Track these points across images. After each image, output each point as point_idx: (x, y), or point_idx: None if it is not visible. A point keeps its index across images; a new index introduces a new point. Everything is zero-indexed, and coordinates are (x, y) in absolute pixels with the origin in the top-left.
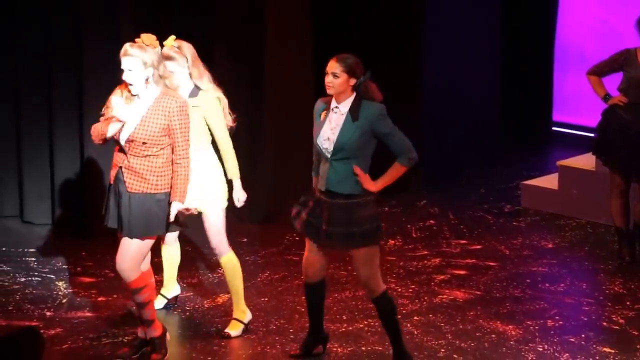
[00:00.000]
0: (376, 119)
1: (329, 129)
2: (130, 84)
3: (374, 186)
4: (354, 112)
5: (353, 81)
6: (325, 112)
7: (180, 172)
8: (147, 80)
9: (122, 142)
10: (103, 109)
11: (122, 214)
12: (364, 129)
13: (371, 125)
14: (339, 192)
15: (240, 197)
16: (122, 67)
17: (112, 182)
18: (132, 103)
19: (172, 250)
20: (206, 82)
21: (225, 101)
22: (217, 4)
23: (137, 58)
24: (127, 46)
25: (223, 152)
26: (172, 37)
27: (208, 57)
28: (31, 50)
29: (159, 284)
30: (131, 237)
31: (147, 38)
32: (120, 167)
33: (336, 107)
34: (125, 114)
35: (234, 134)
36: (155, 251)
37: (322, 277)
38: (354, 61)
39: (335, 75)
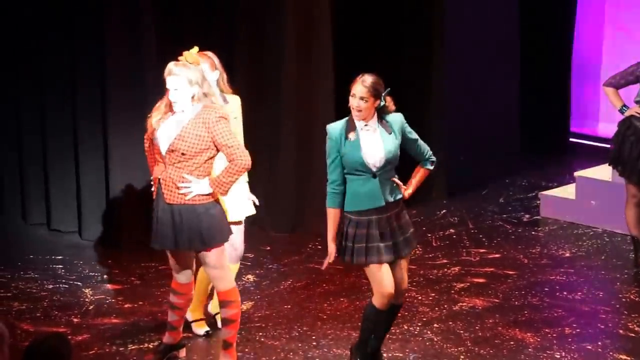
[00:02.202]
0: (405, 126)
1: (371, 146)
2: (176, 102)
3: (408, 192)
4: (385, 126)
5: (378, 102)
6: (351, 132)
7: (230, 168)
8: (193, 97)
9: (163, 152)
10: (149, 116)
11: (166, 229)
12: (398, 138)
13: (402, 132)
14: (393, 200)
15: (253, 198)
16: (168, 86)
17: (154, 197)
18: (171, 115)
19: None
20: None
21: None
22: (239, 15)
23: (182, 77)
24: (171, 65)
25: None
26: (195, 48)
27: (229, 68)
28: (56, 64)
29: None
30: (189, 248)
31: (190, 56)
32: (159, 180)
33: (365, 125)
34: None
35: (257, 144)
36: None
37: None
38: (378, 81)
39: (363, 99)
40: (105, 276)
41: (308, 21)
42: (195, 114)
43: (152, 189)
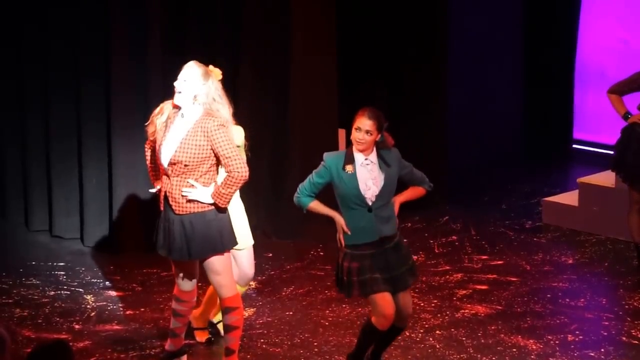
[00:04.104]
0: (400, 161)
1: (369, 180)
2: (179, 92)
3: (398, 200)
4: (383, 160)
5: (379, 136)
6: (349, 165)
7: (228, 180)
8: (195, 97)
9: (165, 165)
10: (148, 124)
11: (177, 241)
12: (396, 173)
13: (398, 167)
14: (389, 234)
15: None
16: (179, 76)
17: (162, 209)
18: (172, 125)
19: None
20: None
21: None
22: (244, 23)
23: (197, 73)
24: (193, 62)
25: None
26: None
27: (234, 76)
28: (60, 70)
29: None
30: (200, 258)
31: (215, 69)
32: (166, 192)
33: (366, 159)
34: None
35: (261, 151)
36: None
37: None
38: (381, 115)
39: (369, 132)
40: (107, 283)
41: (313, 31)
42: (194, 122)
43: (160, 201)
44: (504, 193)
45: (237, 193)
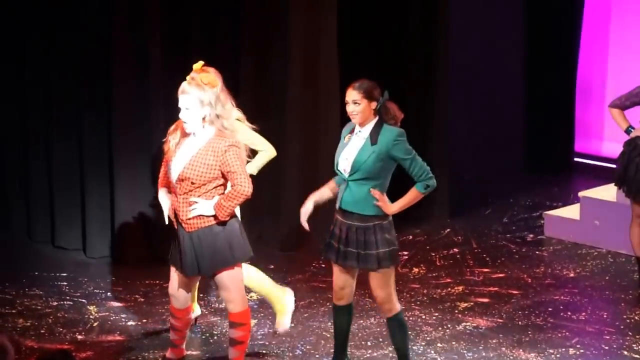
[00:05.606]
0: (393, 144)
1: (350, 151)
2: (186, 122)
3: (391, 209)
4: (373, 135)
5: (374, 104)
6: (349, 135)
7: (231, 193)
8: (204, 119)
9: (174, 182)
10: (164, 141)
11: (188, 257)
12: (381, 153)
13: (388, 149)
14: (354, 212)
15: None
16: (180, 105)
17: (175, 227)
18: (184, 142)
19: None
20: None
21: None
22: (244, 27)
23: (194, 96)
24: (184, 85)
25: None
26: (201, 62)
27: (235, 80)
28: (63, 82)
29: None
30: (210, 274)
31: (206, 77)
32: (175, 210)
33: (359, 130)
34: None
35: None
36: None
37: (350, 301)
38: (371, 85)
39: (356, 102)
40: (109, 293)
41: (313, 38)
42: (207, 141)
43: (166, 214)
44: (506, 206)
45: (239, 212)
